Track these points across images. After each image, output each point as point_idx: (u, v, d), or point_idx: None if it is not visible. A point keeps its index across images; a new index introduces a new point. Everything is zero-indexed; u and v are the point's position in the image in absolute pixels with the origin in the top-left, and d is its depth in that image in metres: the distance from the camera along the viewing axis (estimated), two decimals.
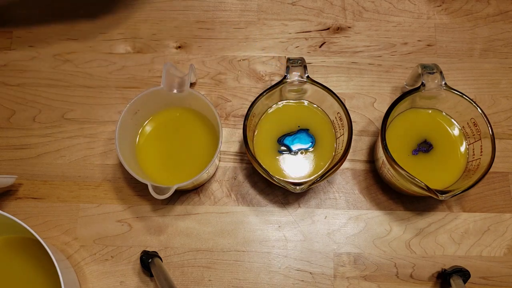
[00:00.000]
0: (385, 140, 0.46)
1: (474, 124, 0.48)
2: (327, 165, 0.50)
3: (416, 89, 0.48)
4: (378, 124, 0.57)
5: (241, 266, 0.52)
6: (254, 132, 0.52)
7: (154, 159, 0.52)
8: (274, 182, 0.46)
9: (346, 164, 0.55)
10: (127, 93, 0.58)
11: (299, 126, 0.52)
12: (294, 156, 0.51)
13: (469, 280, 0.50)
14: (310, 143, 0.51)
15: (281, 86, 0.49)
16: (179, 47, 0.60)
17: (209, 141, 0.52)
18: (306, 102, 0.53)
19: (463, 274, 0.49)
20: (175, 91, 0.49)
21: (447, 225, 0.53)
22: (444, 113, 0.52)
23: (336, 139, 0.51)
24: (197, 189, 0.54)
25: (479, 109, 0.47)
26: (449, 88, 0.48)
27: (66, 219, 0.54)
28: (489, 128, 0.47)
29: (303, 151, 0.51)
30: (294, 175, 0.50)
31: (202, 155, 0.51)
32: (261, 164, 0.46)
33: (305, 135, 0.51)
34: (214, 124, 0.51)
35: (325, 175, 0.45)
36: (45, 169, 0.55)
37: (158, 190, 0.45)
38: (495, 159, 0.45)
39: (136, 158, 0.52)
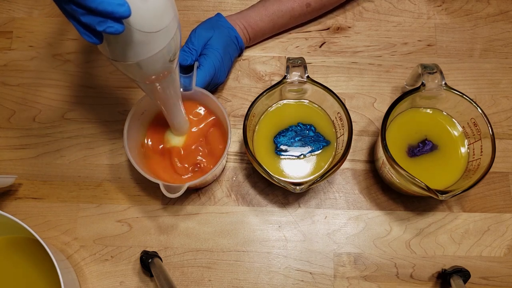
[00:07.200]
0: (385, 140, 0.46)
1: (474, 124, 0.48)
2: (327, 165, 0.50)
3: (416, 89, 0.48)
4: (378, 124, 0.57)
5: (241, 266, 0.52)
6: (254, 132, 0.52)
7: (161, 158, 0.51)
8: (274, 182, 0.46)
9: (346, 164, 0.55)
10: (128, 93, 0.58)
11: (299, 124, 0.52)
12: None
13: (469, 280, 0.50)
14: (323, 144, 0.51)
15: (281, 86, 0.49)
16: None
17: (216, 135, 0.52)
18: (306, 102, 0.53)
19: (463, 274, 0.49)
20: (181, 90, 0.49)
21: (447, 225, 0.53)
22: (445, 113, 0.52)
23: (336, 139, 0.51)
24: (197, 190, 0.54)
25: (479, 109, 0.47)
26: (449, 88, 0.48)
27: (66, 219, 0.54)
28: (489, 128, 0.47)
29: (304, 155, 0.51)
30: (294, 175, 0.50)
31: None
32: (261, 164, 0.46)
33: (311, 135, 0.51)
34: (221, 119, 0.51)
35: (325, 175, 0.45)
36: (45, 169, 0.55)
37: (169, 188, 0.44)
38: (495, 159, 0.45)
39: (144, 157, 0.51)
